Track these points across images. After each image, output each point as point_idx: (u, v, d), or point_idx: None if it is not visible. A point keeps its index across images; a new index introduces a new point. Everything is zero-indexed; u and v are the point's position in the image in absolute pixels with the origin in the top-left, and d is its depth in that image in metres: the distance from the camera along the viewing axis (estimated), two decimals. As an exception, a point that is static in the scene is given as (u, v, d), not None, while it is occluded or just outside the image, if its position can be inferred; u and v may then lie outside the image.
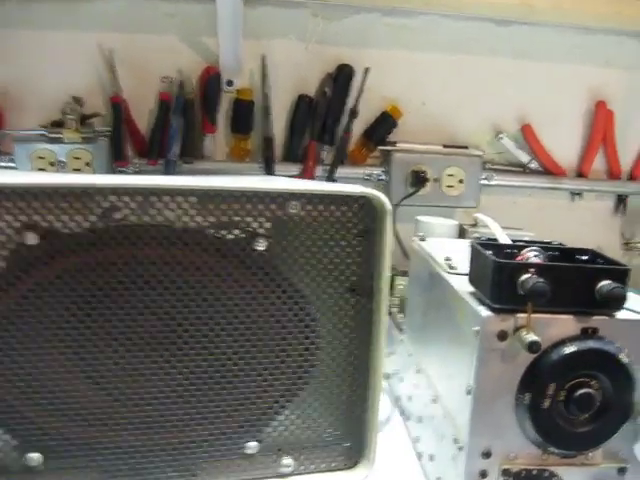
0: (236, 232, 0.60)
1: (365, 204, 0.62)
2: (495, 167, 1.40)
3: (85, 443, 0.61)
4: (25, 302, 0.57)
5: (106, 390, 0.60)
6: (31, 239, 0.56)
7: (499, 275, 0.59)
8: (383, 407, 0.92)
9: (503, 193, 1.42)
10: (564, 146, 1.42)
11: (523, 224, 1.14)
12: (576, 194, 1.45)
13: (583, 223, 1.46)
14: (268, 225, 0.60)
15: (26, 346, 0.58)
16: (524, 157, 1.39)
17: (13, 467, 0.60)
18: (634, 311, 0.62)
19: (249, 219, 0.60)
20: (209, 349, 0.61)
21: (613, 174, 1.44)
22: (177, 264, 0.58)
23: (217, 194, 0.58)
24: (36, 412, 0.59)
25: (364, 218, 0.62)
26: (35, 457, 0.60)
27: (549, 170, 1.40)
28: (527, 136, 1.38)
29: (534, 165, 1.39)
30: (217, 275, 0.59)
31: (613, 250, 1.47)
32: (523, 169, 1.41)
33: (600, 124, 1.40)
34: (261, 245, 0.60)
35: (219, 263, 0.59)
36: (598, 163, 1.44)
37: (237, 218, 0.59)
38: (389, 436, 0.87)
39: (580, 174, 1.43)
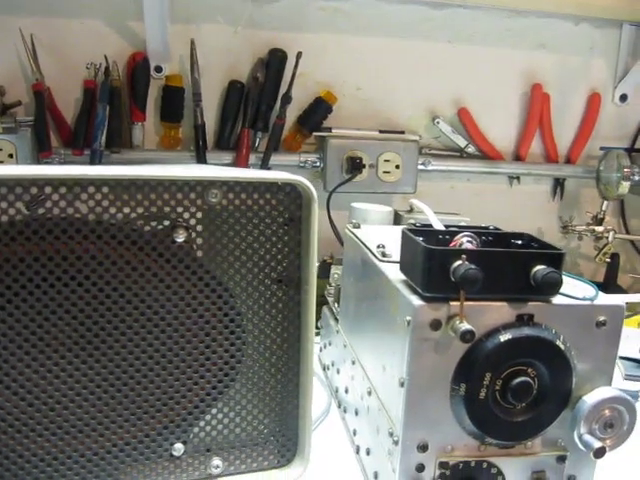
0: (153, 224, 0.56)
1: (290, 192, 0.59)
2: (432, 152, 1.39)
3: (-2, 452, 0.57)
4: None
5: (19, 394, 0.56)
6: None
7: (430, 262, 0.57)
8: (321, 400, 0.91)
9: (441, 178, 1.41)
10: (501, 130, 1.42)
11: (462, 209, 1.13)
12: (514, 178, 1.45)
13: (522, 207, 1.47)
14: (187, 215, 0.57)
15: None
16: (461, 141, 1.38)
17: None
18: (570, 296, 0.61)
19: (167, 209, 0.56)
20: (128, 347, 0.57)
21: (550, 157, 1.45)
22: (91, 259, 0.55)
23: (132, 183, 0.55)
24: (-59, 421, 0.55)
25: (290, 206, 0.59)
26: (-58, 469, 0.56)
27: (486, 154, 1.40)
28: (464, 120, 1.38)
29: (471, 149, 1.39)
30: (134, 269, 0.56)
31: (552, 233, 1.48)
32: (460, 154, 1.40)
33: (536, 107, 1.40)
34: (180, 237, 0.57)
35: (136, 257, 0.56)
36: (535, 147, 1.45)
37: (154, 209, 0.56)
38: (327, 430, 0.85)
39: (517, 158, 1.44)
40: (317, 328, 1.04)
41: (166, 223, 0.56)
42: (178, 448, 0.61)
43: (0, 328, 0.54)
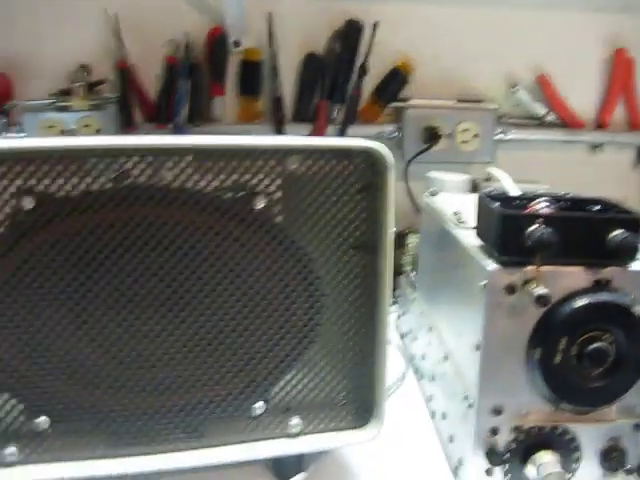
0: (235, 190, 0.58)
1: (367, 158, 0.60)
2: (511, 121, 1.36)
3: (92, 406, 0.60)
4: (26, 266, 0.56)
5: (110, 353, 0.59)
6: (27, 203, 0.55)
7: (505, 226, 0.57)
8: (397, 367, 0.92)
9: (520, 147, 1.39)
10: (582, 97, 1.38)
11: (541, 179, 1.12)
12: (595, 147, 1.41)
13: (603, 177, 1.42)
14: (267, 182, 0.59)
15: (29, 310, 0.57)
16: (541, 109, 1.35)
17: (21, 431, 0.60)
18: (649, 262, 0.60)
19: (248, 177, 0.58)
20: (212, 309, 0.60)
21: (634, 125, 1.41)
22: (176, 224, 0.57)
23: (214, 151, 0.57)
24: (41, 376, 0.59)
25: (366, 172, 0.60)
26: (42, 421, 0.60)
27: (567, 122, 1.37)
28: (543, 88, 1.35)
29: (551, 118, 1.36)
30: (217, 234, 0.58)
31: (634, 203, 1.43)
32: (540, 122, 1.37)
33: (619, 72, 1.36)
34: (261, 203, 0.59)
35: (218, 222, 0.58)
36: (618, 114, 1.40)
37: (235, 176, 0.58)
38: (403, 395, 0.87)
39: (599, 126, 1.40)
40: (394, 297, 1.05)
41: (247, 190, 0.58)
42: (259, 406, 0.64)
43: (93, 290, 0.57)
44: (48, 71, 1.26)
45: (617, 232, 0.58)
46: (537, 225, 0.56)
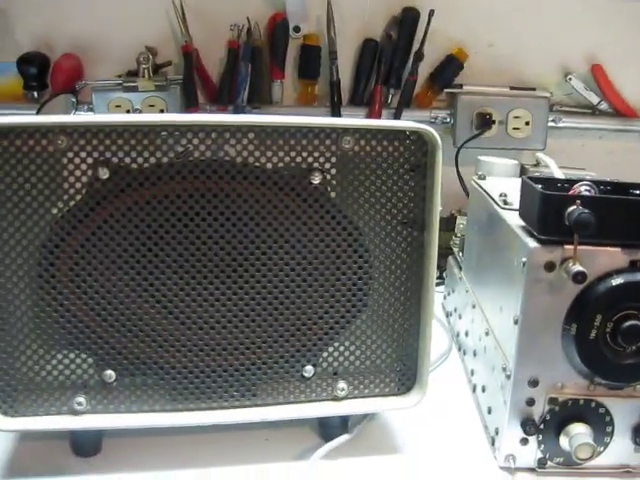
0: (293, 166, 0.63)
1: (417, 140, 0.64)
2: (563, 109, 1.38)
3: (155, 363, 0.65)
4: (99, 232, 0.62)
5: (173, 314, 0.64)
6: (103, 174, 0.60)
7: (546, 207, 0.60)
8: (442, 344, 0.96)
9: (572, 136, 1.40)
10: (636, 86, 1.38)
11: (593, 168, 1.13)
12: (648, 136, 1.42)
13: (654, 165, 1.43)
14: (323, 160, 0.63)
15: (101, 272, 0.62)
16: (594, 98, 1.36)
17: (90, 383, 0.65)
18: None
19: (305, 154, 0.62)
20: (268, 277, 0.64)
21: (689, 115, 1.41)
22: (237, 197, 0.62)
23: (274, 130, 0.61)
24: (110, 333, 0.64)
25: (416, 153, 0.64)
26: (110, 374, 0.65)
27: (620, 111, 1.37)
28: (597, 76, 1.35)
29: (604, 106, 1.37)
30: (275, 207, 0.63)
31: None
32: (592, 111, 1.38)
33: (674, 62, 1.36)
34: (317, 179, 0.63)
35: (277, 196, 0.63)
36: (673, 104, 1.40)
37: (293, 153, 0.62)
38: (447, 371, 0.91)
39: (653, 115, 1.40)
40: (442, 278, 1.09)
41: (304, 166, 0.63)
42: (309, 370, 0.68)
43: (159, 255, 0.63)
44: (115, 53, 1.32)
45: (654, 215, 0.60)
46: (576, 206, 0.59)
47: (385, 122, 0.65)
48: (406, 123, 0.63)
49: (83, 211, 0.61)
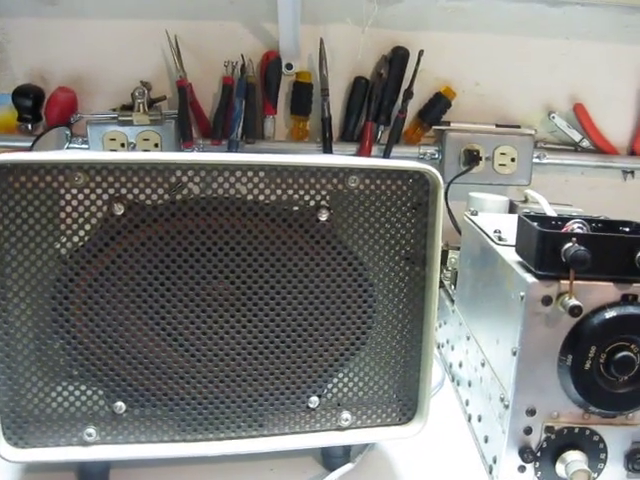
0: (301, 204, 0.65)
1: (419, 179, 0.67)
2: (547, 146, 1.42)
3: (164, 394, 0.67)
4: (113, 266, 0.63)
5: (183, 347, 0.66)
6: (118, 210, 0.62)
7: (543, 244, 0.63)
8: (435, 374, 0.98)
9: (555, 171, 1.44)
10: (616, 125, 1.44)
11: (575, 203, 1.17)
12: (628, 172, 1.46)
13: (635, 202, 1.47)
14: (330, 198, 0.66)
15: (113, 306, 0.64)
16: (576, 136, 1.41)
17: (100, 414, 0.67)
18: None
19: (313, 192, 0.65)
20: (276, 310, 0.67)
21: (665, 153, 1.46)
22: (248, 233, 0.64)
23: (284, 169, 0.64)
24: (121, 366, 0.66)
25: (418, 192, 0.67)
26: (120, 405, 0.66)
27: (601, 148, 1.42)
28: (579, 115, 1.40)
29: (586, 144, 1.41)
30: (283, 243, 0.65)
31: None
32: (575, 148, 1.43)
33: (652, 103, 1.41)
34: (324, 216, 0.66)
35: (285, 232, 0.65)
36: (651, 142, 1.45)
37: (302, 191, 0.65)
38: (441, 401, 0.93)
39: (633, 152, 1.45)
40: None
41: (311, 204, 0.65)
42: (314, 401, 0.70)
43: (171, 290, 0.64)
44: (110, 87, 1.35)
45: (645, 251, 0.63)
46: (572, 243, 0.62)
47: (389, 162, 0.67)
48: (409, 163, 0.66)
49: (97, 246, 0.63)
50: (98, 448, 0.66)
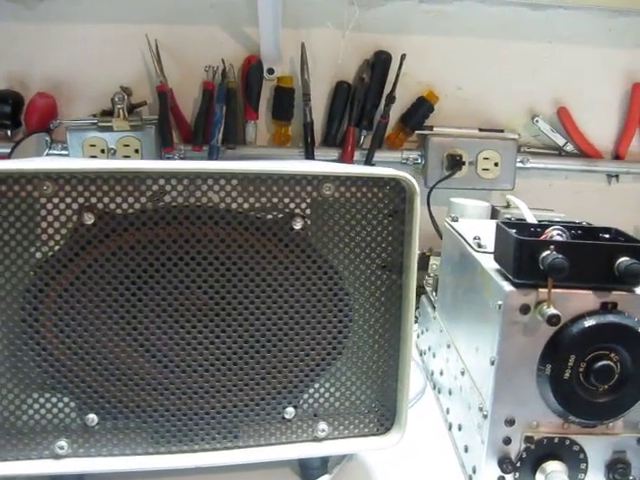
0: (275, 212, 0.64)
1: (395, 186, 0.66)
2: (531, 150, 1.41)
3: (137, 406, 0.66)
4: (83, 277, 0.62)
5: (156, 357, 0.65)
6: (88, 219, 0.61)
7: (521, 252, 0.62)
8: (417, 382, 0.97)
9: (539, 176, 1.44)
10: (600, 128, 1.43)
11: (560, 207, 1.17)
12: (613, 176, 1.46)
13: (620, 206, 1.47)
14: (304, 206, 0.64)
15: (84, 316, 0.63)
16: (560, 140, 1.40)
17: (72, 426, 0.65)
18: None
19: (287, 200, 0.64)
20: (250, 320, 0.65)
21: (650, 156, 1.45)
22: (221, 242, 0.63)
23: (257, 177, 0.63)
24: (93, 377, 0.65)
25: (394, 199, 0.66)
26: (92, 418, 0.65)
27: (585, 153, 1.42)
28: (563, 119, 1.40)
29: (570, 148, 1.41)
30: (257, 252, 0.64)
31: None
32: (559, 152, 1.42)
33: (636, 106, 1.41)
34: (298, 224, 0.65)
35: (259, 241, 0.64)
36: (635, 146, 1.45)
37: (275, 199, 0.64)
38: (422, 410, 0.92)
39: (616, 156, 1.45)
40: (415, 316, 1.10)
41: (286, 212, 0.64)
42: (289, 411, 0.69)
43: (142, 300, 0.63)
44: (90, 92, 1.34)
45: (623, 259, 0.62)
46: (550, 251, 0.61)
47: (364, 169, 0.67)
48: (385, 170, 0.65)
49: (68, 256, 0.62)
50: (70, 461, 0.65)
